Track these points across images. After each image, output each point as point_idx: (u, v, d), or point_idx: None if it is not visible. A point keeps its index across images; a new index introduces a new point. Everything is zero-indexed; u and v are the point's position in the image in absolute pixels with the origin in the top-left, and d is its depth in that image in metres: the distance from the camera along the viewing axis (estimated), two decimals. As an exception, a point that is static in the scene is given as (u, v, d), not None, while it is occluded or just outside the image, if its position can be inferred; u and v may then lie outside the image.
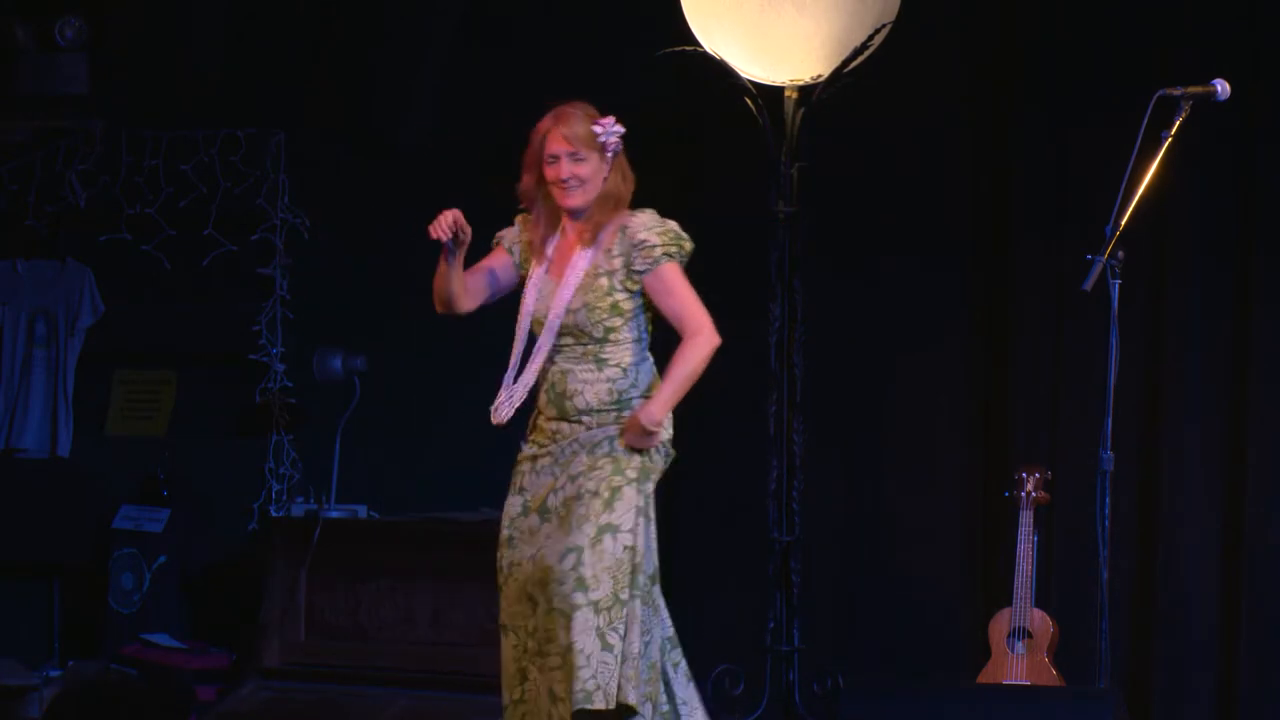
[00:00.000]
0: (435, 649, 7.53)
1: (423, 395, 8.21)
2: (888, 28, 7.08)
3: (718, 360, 7.83)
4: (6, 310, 8.70)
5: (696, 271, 7.78)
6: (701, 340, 5.68)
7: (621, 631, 5.56)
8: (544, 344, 5.72)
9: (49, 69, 8.24)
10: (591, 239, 5.72)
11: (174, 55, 8.25)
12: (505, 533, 5.78)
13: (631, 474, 5.66)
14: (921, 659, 7.50)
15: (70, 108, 8.35)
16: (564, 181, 5.70)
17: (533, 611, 5.67)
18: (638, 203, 5.97)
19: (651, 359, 5.79)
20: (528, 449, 5.82)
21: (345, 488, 8.03)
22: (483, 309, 8.18)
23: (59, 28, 8.21)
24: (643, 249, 5.69)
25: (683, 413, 7.95)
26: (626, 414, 5.69)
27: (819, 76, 7.13)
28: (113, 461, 8.51)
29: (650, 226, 5.72)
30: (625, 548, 5.59)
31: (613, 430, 5.69)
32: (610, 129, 5.74)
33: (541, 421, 5.80)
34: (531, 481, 5.77)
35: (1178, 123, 5.67)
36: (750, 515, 7.39)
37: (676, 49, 7.18)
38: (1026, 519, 6.95)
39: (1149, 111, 5.63)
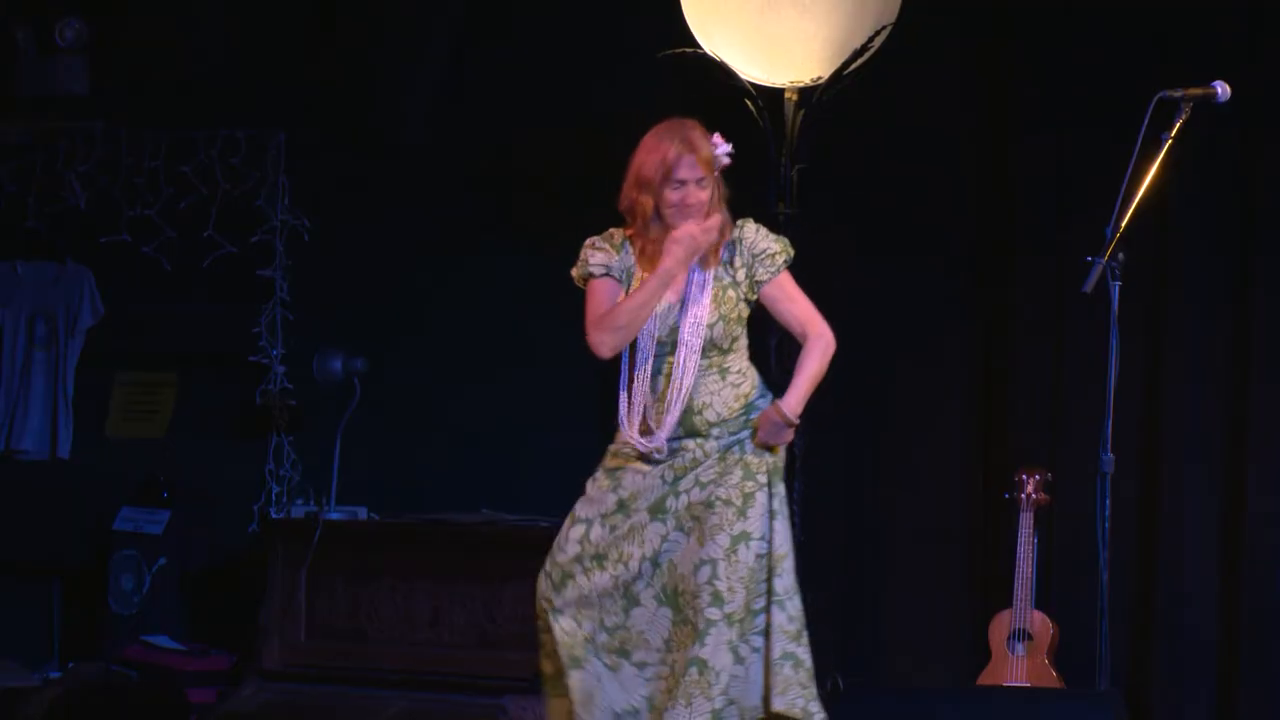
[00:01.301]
0: (435, 650, 7.53)
1: (422, 397, 8.20)
2: (888, 29, 7.07)
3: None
4: (6, 312, 8.70)
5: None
6: (829, 341, 5.70)
7: (757, 644, 5.57)
8: (687, 364, 5.63)
9: (49, 70, 8.23)
10: (716, 257, 5.69)
11: (174, 56, 8.24)
12: (599, 529, 5.67)
13: (762, 478, 5.64)
14: (921, 660, 7.50)
15: (70, 109, 8.35)
16: (689, 206, 5.63)
17: (622, 609, 5.65)
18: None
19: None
20: (632, 465, 5.71)
21: (345, 489, 8.03)
22: (473, 311, 8.25)
23: (59, 29, 8.20)
24: (764, 257, 5.70)
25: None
26: (754, 416, 5.68)
27: (819, 78, 7.13)
28: (113, 463, 8.51)
29: (766, 235, 5.74)
30: (758, 556, 5.59)
31: (741, 434, 5.67)
32: (723, 149, 5.71)
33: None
34: (633, 481, 5.67)
35: (1178, 124, 5.66)
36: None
37: (676, 50, 7.18)
38: (1027, 520, 6.95)
39: (1149, 113, 5.63)
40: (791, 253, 5.75)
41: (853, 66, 7.08)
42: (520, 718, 7.12)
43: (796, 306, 5.73)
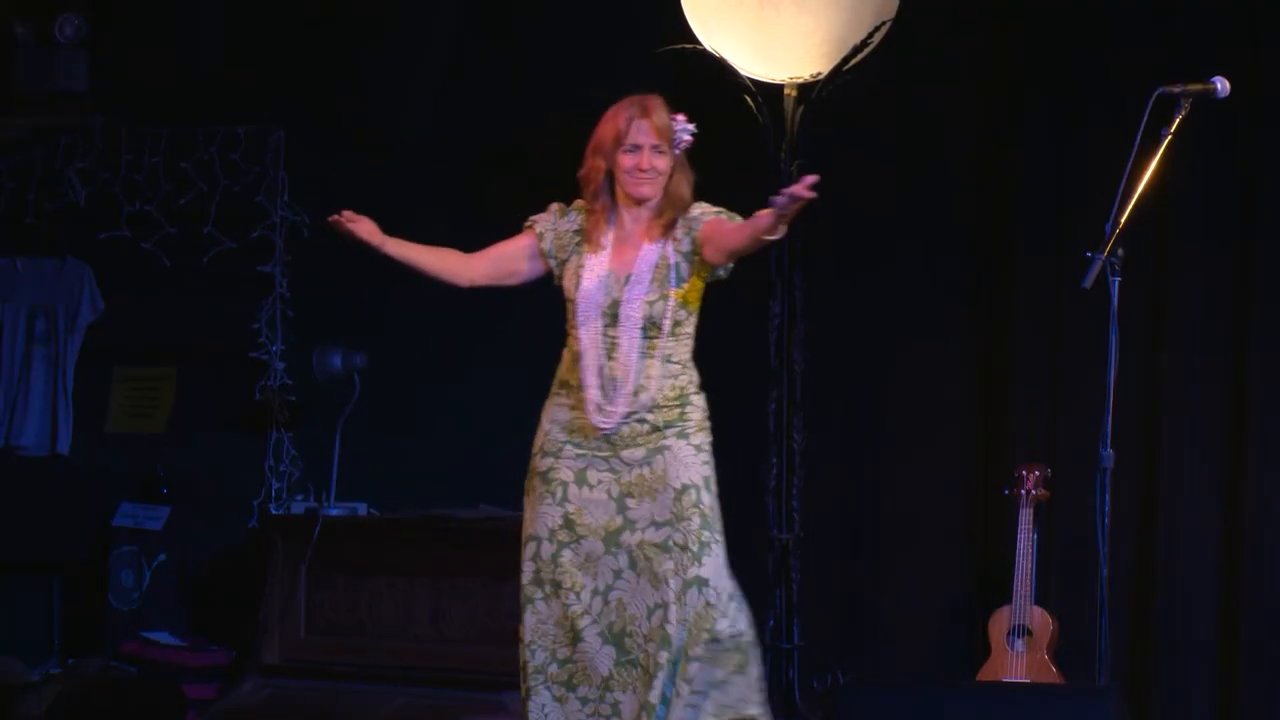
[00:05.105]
0: (434, 646, 7.53)
1: (423, 393, 8.20)
2: (887, 25, 7.08)
3: (717, 356, 7.85)
4: (6, 308, 8.69)
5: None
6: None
7: (681, 690, 5.56)
8: (625, 338, 5.62)
9: (48, 65, 8.23)
10: (661, 235, 5.65)
11: (174, 52, 8.25)
12: (548, 547, 5.69)
13: (696, 482, 5.64)
14: (921, 656, 7.50)
15: (70, 104, 8.34)
16: (643, 171, 5.63)
17: (568, 642, 5.67)
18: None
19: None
20: (569, 450, 5.70)
21: (345, 485, 8.03)
22: (473, 306, 8.24)
23: (59, 24, 8.20)
24: (697, 218, 5.64)
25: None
26: (688, 410, 5.66)
27: (819, 74, 7.14)
28: (112, 459, 8.51)
29: (704, 205, 5.69)
30: (707, 604, 5.59)
31: (669, 431, 5.62)
32: (683, 126, 5.70)
33: (584, 421, 5.68)
34: (578, 495, 5.67)
35: (1177, 120, 5.66)
36: (750, 512, 7.39)
37: (676, 47, 7.19)
38: (1026, 516, 6.95)
39: (1149, 109, 5.62)
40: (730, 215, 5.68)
41: (852, 63, 7.09)
42: (520, 713, 7.10)
43: (734, 222, 5.63)
